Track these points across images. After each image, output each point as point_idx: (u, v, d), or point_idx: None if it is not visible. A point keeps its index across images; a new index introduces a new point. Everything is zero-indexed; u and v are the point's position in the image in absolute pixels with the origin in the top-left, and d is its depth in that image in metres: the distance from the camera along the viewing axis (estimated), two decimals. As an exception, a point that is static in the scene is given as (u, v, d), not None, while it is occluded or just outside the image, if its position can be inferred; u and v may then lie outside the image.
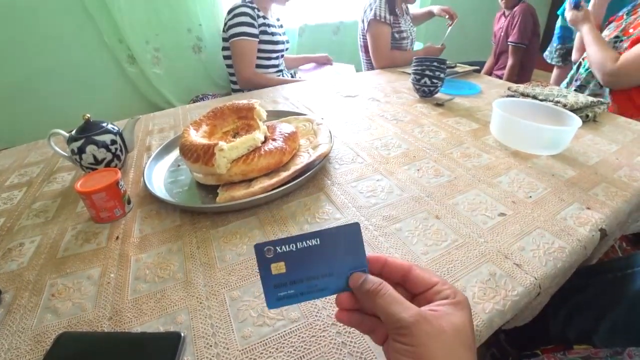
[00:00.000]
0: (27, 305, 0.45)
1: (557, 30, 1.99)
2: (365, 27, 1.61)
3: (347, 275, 0.30)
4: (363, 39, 1.71)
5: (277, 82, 1.40)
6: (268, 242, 0.29)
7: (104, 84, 1.78)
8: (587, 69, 1.30)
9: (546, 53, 2.07)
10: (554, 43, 2.01)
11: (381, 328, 0.30)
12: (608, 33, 1.27)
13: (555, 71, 2.09)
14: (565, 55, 1.95)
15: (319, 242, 0.30)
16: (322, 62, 1.86)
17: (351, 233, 0.30)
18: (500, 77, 2.20)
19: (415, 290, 0.30)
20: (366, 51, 1.72)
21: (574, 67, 1.42)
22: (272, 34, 1.48)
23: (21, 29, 1.52)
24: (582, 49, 1.46)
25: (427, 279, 0.29)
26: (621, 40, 1.18)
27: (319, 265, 0.30)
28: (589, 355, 0.54)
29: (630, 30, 1.16)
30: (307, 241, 0.30)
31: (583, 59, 1.35)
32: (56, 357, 0.37)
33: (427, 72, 1.03)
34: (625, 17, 1.25)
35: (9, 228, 0.60)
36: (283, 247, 0.29)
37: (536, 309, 0.47)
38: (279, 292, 0.29)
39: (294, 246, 0.29)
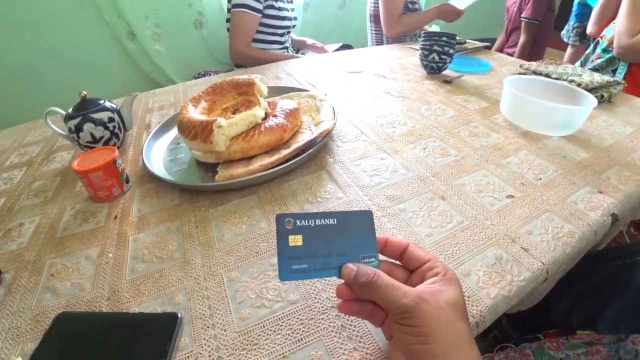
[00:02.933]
0: (26, 285, 0.45)
1: (574, 7, 1.90)
2: None
3: (359, 258, 0.31)
4: (374, 5, 1.63)
5: (272, 59, 1.35)
6: (290, 213, 0.30)
7: (104, 62, 1.74)
8: (604, 49, 1.24)
9: (563, 32, 1.99)
10: (571, 21, 1.91)
11: (379, 311, 0.32)
12: None
13: (569, 50, 2.00)
14: (582, 34, 1.86)
15: (335, 222, 0.31)
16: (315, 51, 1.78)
17: (364, 219, 0.32)
18: (511, 55, 2.12)
19: (411, 266, 0.32)
20: (376, 21, 1.65)
21: (591, 46, 1.36)
22: (279, 8, 1.42)
23: (18, 8, 1.48)
24: (599, 23, 1.39)
25: (421, 256, 0.32)
26: None
27: (334, 244, 0.31)
28: (592, 340, 0.54)
29: None
30: (325, 219, 0.31)
31: (601, 37, 1.29)
32: (55, 337, 0.37)
33: (436, 48, 0.98)
34: None
35: (9, 208, 0.60)
36: (303, 221, 0.31)
37: (541, 294, 0.46)
38: (292, 264, 0.30)
39: (313, 222, 0.31)
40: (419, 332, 0.26)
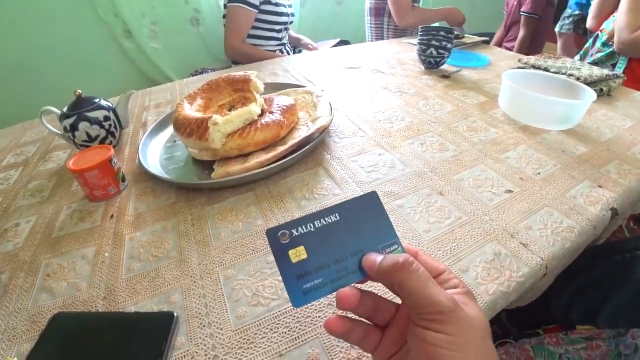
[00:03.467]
0: (22, 285, 0.44)
1: None
2: None
3: (379, 250, 0.26)
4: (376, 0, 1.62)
5: (265, 58, 1.35)
6: (280, 225, 0.25)
7: (101, 61, 1.73)
8: (603, 43, 1.23)
9: (559, 22, 1.97)
10: (569, 9, 1.89)
11: (374, 332, 0.27)
12: None
13: (560, 40, 1.97)
14: (578, 22, 1.84)
15: (338, 218, 0.26)
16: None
17: (370, 203, 0.27)
18: (510, 50, 2.11)
19: None
20: (376, 14, 1.64)
21: (590, 40, 1.35)
22: (276, 4, 1.41)
23: (13, 6, 1.47)
24: (599, 17, 1.38)
25: (434, 266, 0.27)
26: None
27: (346, 243, 0.26)
28: (592, 335, 0.54)
29: None
30: (325, 218, 0.26)
31: (601, 31, 1.28)
32: (51, 338, 0.37)
33: (434, 42, 0.98)
34: None
35: (5, 208, 0.59)
36: (299, 228, 0.25)
37: (541, 289, 0.46)
38: (303, 283, 0.25)
39: (312, 226, 0.26)
40: (455, 343, 0.22)
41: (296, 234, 0.25)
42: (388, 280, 0.24)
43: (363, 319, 0.27)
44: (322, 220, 0.26)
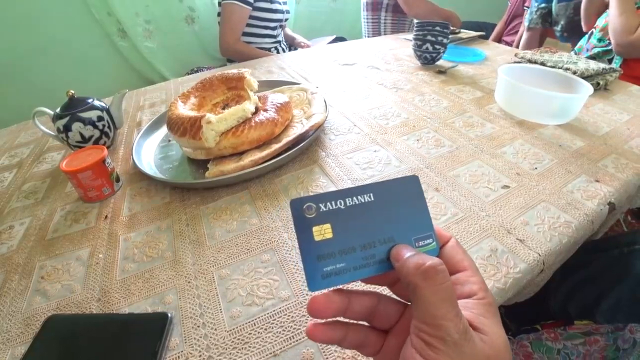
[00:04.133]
0: (17, 288, 0.44)
1: None
2: None
3: (411, 241, 0.24)
4: None
5: (259, 56, 1.34)
6: (307, 197, 0.23)
7: (95, 60, 1.72)
8: (599, 39, 1.22)
9: (526, 16, 1.88)
10: (536, 2, 1.83)
11: (373, 339, 0.24)
12: None
13: (527, 34, 1.87)
14: (545, 16, 1.79)
15: (372, 199, 0.23)
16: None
17: (410, 188, 0.24)
18: (510, 44, 2.08)
19: None
20: (373, 9, 1.63)
21: (584, 38, 1.34)
22: (271, 1, 1.41)
23: (5, 5, 1.46)
24: (588, 23, 1.38)
25: (459, 260, 0.23)
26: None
27: (377, 228, 0.23)
28: (590, 330, 0.54)
29: None
30: (359, 197, 0.23)
31: (595, 27, 1.28)
32: (45, 340, 0.37)
33: (429, 38, 0.97)
34: None
35: (-2, 211, 0.59)
36: (329, 203, 0.23)
37: (538, 285, 0.46)
38: (324, 266, 0.22)
39: (342, 203, 0.23)
40: None
41: (324, 209, 0.23)
42: (406, 281, 0.21)
43: (360, 322, 0.25)
44: (354, 198, 0.23)
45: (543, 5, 1.77)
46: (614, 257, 0.58)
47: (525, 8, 1.95)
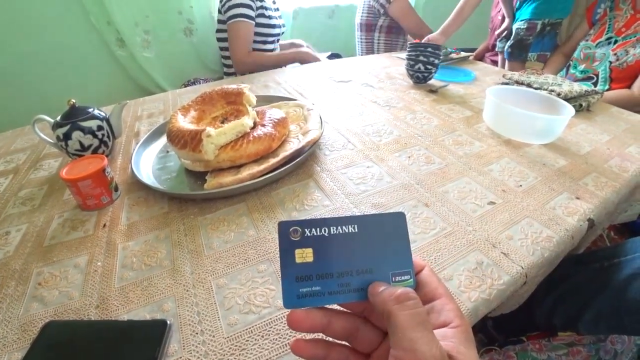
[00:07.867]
0: (13, 294, 0.44)
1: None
2: (384, 2, 1.59)
3: (388, 276, 0.25)
4: (363, 14, 1.67)
5: (275, 60, 1.37)
6: (295, 221, 0.24)
7: (93, 69, 1.72)
8: (582, 71, 1.28)
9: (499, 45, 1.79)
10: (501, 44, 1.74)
11: (354, 358, 0.25)
12: (593, 37, 1.25)
13: (507, 63, 1.75)
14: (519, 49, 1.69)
15: (356, 230, 0.25)
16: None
17: (394, 224, 0.25)
18: (494, 63, 2.14)
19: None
20: (367, 30, 1.69)
21: (563, 70, 1.41)
22: (269, 17, 1.45)
23: (4, 11, 1.46)
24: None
25: (433, 289, 0.24)
26: (616, 41, 1.16)
27: (356, 259, 0.24)
28: (573, 341, 0.56)
29: (623, 29, 1.15)
30: (343, 227, 0.25)
31: (572, 60, 1.34)
32: (43, 347, 0.37)
33: (421, 58, 1.01)
34: (608, 12, 1.23)
35: (-6, 216, 0.59)
36: (314, 229, 0.24)
37: (522, 297, 0.48)
38: (301, 287, 0.24)
39: (326, 230, 0.24)
40: None
41: (308, 234, 0.24)
42: (380, 310, 0.22)
43: (343, 342, 0.26)
44: (339, 228, 0.25)
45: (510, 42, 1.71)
46: (595, 270, 0.61)
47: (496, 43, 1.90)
